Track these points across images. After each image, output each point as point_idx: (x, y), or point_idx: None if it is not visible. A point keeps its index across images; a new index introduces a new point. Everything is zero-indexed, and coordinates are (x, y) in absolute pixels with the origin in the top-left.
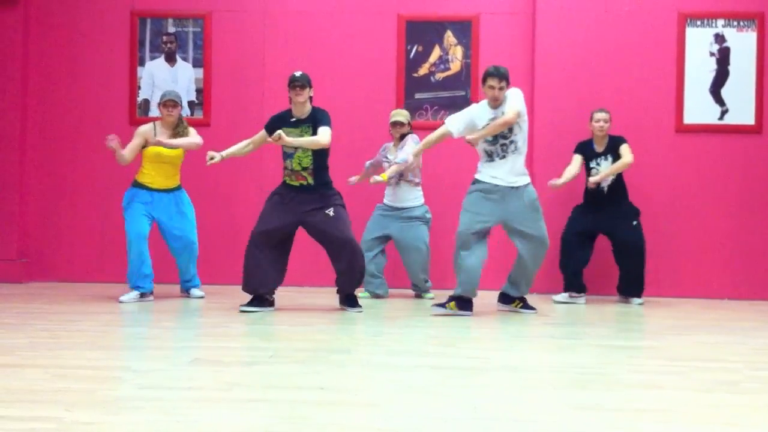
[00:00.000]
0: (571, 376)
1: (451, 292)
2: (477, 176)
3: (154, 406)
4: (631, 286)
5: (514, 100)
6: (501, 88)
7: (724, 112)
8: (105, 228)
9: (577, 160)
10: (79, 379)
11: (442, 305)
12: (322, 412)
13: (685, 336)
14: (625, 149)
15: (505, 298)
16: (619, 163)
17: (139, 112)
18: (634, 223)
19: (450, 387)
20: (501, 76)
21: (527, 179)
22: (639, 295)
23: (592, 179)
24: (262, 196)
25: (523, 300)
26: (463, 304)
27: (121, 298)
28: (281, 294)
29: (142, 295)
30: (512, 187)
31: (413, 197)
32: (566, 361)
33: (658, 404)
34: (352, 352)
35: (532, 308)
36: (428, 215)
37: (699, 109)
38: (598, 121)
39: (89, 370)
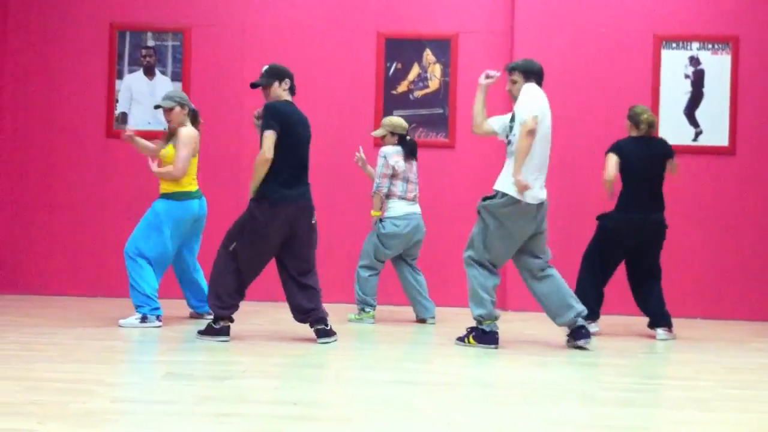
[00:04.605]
0: (543, 392)
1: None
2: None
3: (126, 419)
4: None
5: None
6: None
7: (698, 134)
8: (78, 241)
9: None
10: (51, 391)
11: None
12: (295, 427)
13: (657, 354)
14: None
15: None
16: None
17: (116, 125)
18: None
19: (423, 402)
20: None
21: (498, 186)
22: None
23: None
24: (238, 205)
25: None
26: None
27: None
28: (258, 309)
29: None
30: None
31: (389, 208)
32: (539, 377)
33: (630, 421)
34: (326, 367)
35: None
36: (385, 230)
37: (673, 130)
38: None
39: (62, 383)
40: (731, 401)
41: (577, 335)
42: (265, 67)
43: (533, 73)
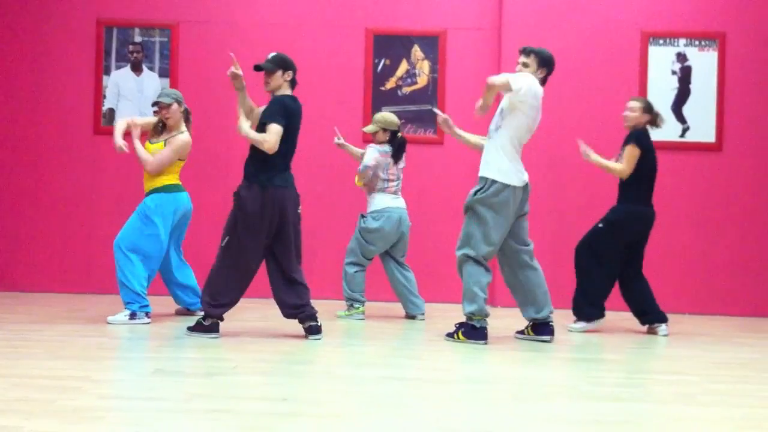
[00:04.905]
0: (533, 388)
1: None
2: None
3: (115, 416)
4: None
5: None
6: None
7: (685, 130)
8: (66, 238)
9: None
10: (38, 388)
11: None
12: (285, 423)
13: (645, 349)
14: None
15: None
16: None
17: (104, 122)
18: (600, 225)
19: (413, 399)
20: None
21: (485, 173)
22: (576, 319)
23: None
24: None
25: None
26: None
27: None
28: (247, 305)
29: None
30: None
31: (371, 203)
32: (529, 373)
33: (618, 416)
34: (316, 364)
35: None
36: (365, 224)
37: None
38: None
39: (49, 379)
40: (719, 395)
41: (546, 330)
42: (273, 54)
43: (546, 67)
